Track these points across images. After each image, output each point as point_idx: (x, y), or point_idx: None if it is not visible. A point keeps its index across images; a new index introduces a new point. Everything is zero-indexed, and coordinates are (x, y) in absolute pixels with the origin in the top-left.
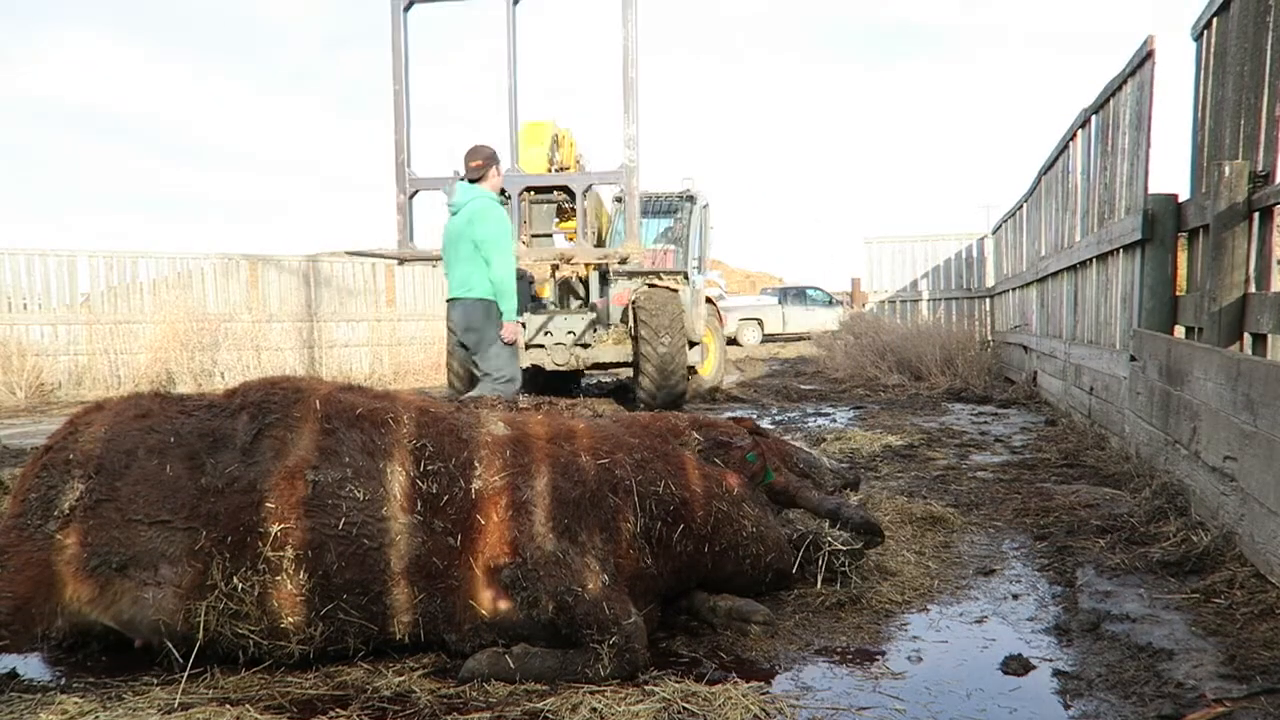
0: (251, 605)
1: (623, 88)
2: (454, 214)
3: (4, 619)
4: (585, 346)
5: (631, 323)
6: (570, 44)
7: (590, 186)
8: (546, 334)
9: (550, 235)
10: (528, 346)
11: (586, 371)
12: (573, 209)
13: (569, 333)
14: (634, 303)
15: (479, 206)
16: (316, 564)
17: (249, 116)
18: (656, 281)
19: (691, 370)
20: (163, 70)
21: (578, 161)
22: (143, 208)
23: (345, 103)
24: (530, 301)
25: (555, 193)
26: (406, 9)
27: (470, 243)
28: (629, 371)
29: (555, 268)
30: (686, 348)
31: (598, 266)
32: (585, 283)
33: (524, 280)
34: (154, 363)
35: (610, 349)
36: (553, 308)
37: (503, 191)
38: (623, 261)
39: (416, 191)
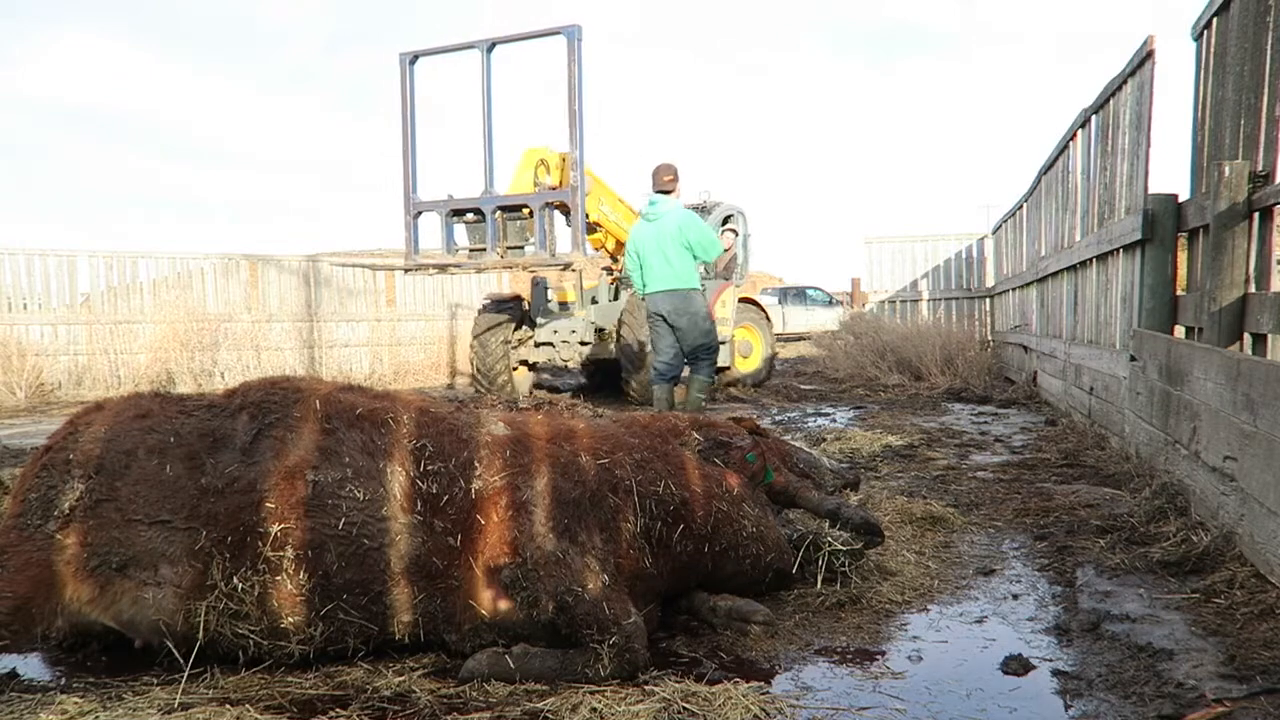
0: (251, 605)
1: (568, 119)
2: (652, 221)
3: (4, 619)
4: (586, 344)
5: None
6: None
7: (547, 204)
8: (555, 333)
9: (521, 247)
10: (538, 345)
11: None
12: (595, 224)
13: (572, 332)
14: (625, 307)
15: (685, 217)
16: (316, 564)
17: (249, 116)
18: None
19: (720, 369)
20: (163, 70)
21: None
22: (143, 208)
23: (345, 104)
24: (544, 305)
25: (524, 210)
26: (412, 62)
27: (682, 244)
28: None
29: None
30: None
31: (614, 277)
32: (611, 290)
33: (539, 287)
34: (154, 363)
35: (608, 347)
36: (561, 311)
37: (478, 211)
38: (566, 268)
39: (420, 213)
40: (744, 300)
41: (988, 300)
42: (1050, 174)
